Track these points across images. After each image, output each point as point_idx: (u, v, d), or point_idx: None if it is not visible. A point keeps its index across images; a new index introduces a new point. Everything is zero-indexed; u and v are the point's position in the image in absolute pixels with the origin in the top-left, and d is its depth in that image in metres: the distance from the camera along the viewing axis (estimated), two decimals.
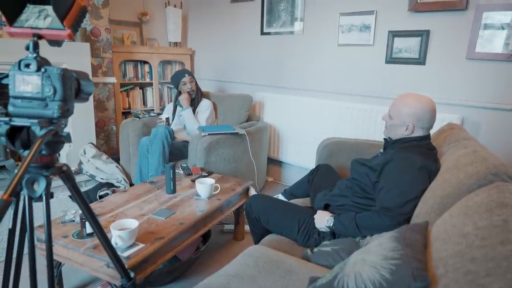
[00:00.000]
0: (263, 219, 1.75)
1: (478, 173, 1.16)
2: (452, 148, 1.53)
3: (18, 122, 0.89)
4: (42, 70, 0.89)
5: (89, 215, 1.08)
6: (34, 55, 0.90)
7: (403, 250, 0.89)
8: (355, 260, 0.95)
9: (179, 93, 3.16)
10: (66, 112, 0.93)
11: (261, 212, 1.77)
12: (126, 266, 1.35)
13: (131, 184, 3.07)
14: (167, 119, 2.89)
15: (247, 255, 1.38)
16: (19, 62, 0.89)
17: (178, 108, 3.17)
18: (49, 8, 0.92)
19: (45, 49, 1.08)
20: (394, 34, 2.69)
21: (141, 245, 1.50)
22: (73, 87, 0.96)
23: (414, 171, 1.46)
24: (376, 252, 0.93)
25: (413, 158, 1.50)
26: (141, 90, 3.96)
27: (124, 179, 3.05)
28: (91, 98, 3.23)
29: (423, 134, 1.60)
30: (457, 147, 1.49)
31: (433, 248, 0.95)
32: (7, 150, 3.00)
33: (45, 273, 0.95)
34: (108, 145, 3.63)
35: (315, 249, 1.50)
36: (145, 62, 3.92)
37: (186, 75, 3.12)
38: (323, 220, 1.61)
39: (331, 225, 1.57)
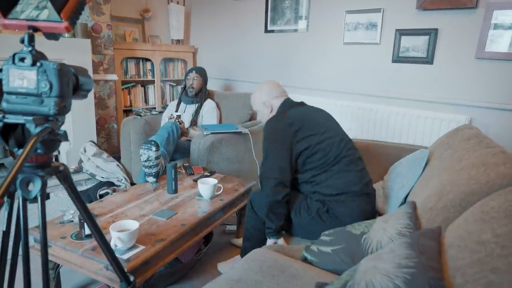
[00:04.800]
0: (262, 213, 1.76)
1: None
2: (474, 145, 1.47)
3: (12, 119, 0.85)
4: (38, 64, 0.85)
5: (87, 217, 1.04)
6: (30, 48, 0.85)
7: (417, 258, 0.84)
8: (365, 268, 0.91)
9: (185, 85, 3.18)
10: (63, 109, 0.89)
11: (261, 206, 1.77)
12: (126, 269, 1.31)
13: (132, 183, 3.03)
14: (179, 116, 2.84)
15: (250, 259, 1.33)
16: (14, 55, 0.85)
17: (182, 104, 3.15)
18: None
19: (45, 45, 1.04)
20: (401, 32, 2.64)
21: (141, 247, 1.46)
22: (70, 83, 0.92)
23: (269, 137, 1.70)
24: (388, 259, 0.88)
25: (266, 127, 1.75)
26: (142, 88, 3.92)
27: (124, 178, 3.00)
28: (91, 95, 3.20)
29: (281, 101, 1.85)
30: (480, 145, 1.43)
31: (448, 255, 0.90)
32: (6, 148, 2.95)
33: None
34: (109, 143, 3.59)
35: (314, 248, 1.43)
36: (147, 60, 3.87)
37: (194, 71, 3.14)
38: None
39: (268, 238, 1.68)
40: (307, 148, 1.66)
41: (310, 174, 1.68)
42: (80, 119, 3.12)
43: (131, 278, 1.23)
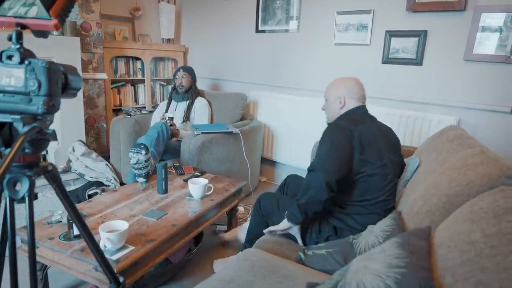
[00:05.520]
0: (268, 213, 1.74)
1: (490, 175, 1.12)
2: (456, 146, 1.49)
3: None
4: (26, 62, 0.83)
5: (76, 217, 1.02)
6: (18, 46, 0.84)
7: (408, 258, 0.84)
8: (357, 268, 0.91)
9: (174, 85, 3.17)
10: (51, 108, 0.87)
11: (268, 206, 1.76)
12: (115, 270, 1.29)
13: (122, 183, 3.00)
14: (171, 118, 2.82)
15: (242, 259, 1.32)
16: (1, 53, 0.83)
17: (173, 103, 3.14)
18: None
19: (33, 43, 1.02)
20: (391, 34, 2.66)
21: (131, 248, 1.44)
22: (59, 82, 0.90)
23: (334, 135, 1.56)
24: (379, 259, 0.88)
25: (333, 126, 1.62)
26: (132, 87, 3.88)
27: (114, 178, 2.97)
28: (80, 94, 3.16)
29: (357, 104, 1.73)
30: (463, 145, 1.45)
31: (438, 255, 0.91)
32: None
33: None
34: (98, 143, 3.54)
35: (309, 252, 1.45)
36: (137, 59, 3.83)
37: (181, 70, 3.14)
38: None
39: (286, 219, 1.56)
40: (358, 173, 1.56)
41: (346, 199, 1.60)
42: (68, 118, 3.07)
43: (121, 279, 1.22)
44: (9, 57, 0.83)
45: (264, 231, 1.67)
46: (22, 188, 0.84)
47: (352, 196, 1.59)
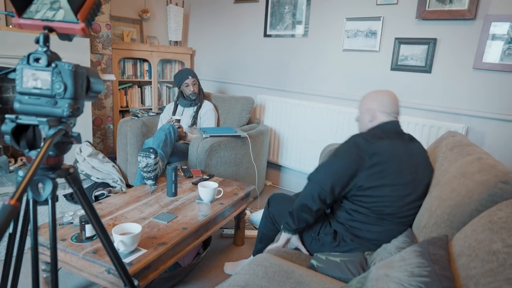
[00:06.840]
0: (277, 214, 1.75)
1: (487, 182, 1.13)
2: (456, 154, 1.50)
3: (25, 120, 0.83)
4: (53, 65, 0.84)
5: (94, 220, 1.02)
6: (45, 49, 0.84)
7: (430, 267, 0.84)
8: (377, 276, 0.91)
9: (181, 92, 3.11)
10: (76, 110, 0.87)
11: (278, 206, 1.76)
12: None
13: (128, 185, 3.00)
14: (178, 120, 2.82)
15: (255, 264, 1.32)
16: (28, 56, 0.84)
17: (179, 108, 3.13)
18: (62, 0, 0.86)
19: None
20: (401, 41, 2.67)
21: (143, 251, 1.44)
22: (84, 85, 0.91)
23: (343, 148, 1.49)
24: (400, 267, 0.88)
25: (351, 138, 1.51)
26: (139, 89, 3.89)
27: (120, 179, 2.97)
28: None
29: (388, 119, 1.61)
30: (461, 153, 1.46)
31: (459, 264, 0.91)
32: (0, 146, 2.90)
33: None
34: (104, 144, 3.55)
35: (323, 257, 1.45)
36: (145, 60, 3.85)
37: (190, 77, 3.05)
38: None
39: (282, 231, 1.57)
40: (369, 188, 1.45)
41: (354, 207, 1.52)
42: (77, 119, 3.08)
43: (136, 283, 1.22)
44: (36, 60, 0.84)
45: (265, 250, 1.62)
46: (46, 190, 0.85)
47: (359, 204, 1.51)
